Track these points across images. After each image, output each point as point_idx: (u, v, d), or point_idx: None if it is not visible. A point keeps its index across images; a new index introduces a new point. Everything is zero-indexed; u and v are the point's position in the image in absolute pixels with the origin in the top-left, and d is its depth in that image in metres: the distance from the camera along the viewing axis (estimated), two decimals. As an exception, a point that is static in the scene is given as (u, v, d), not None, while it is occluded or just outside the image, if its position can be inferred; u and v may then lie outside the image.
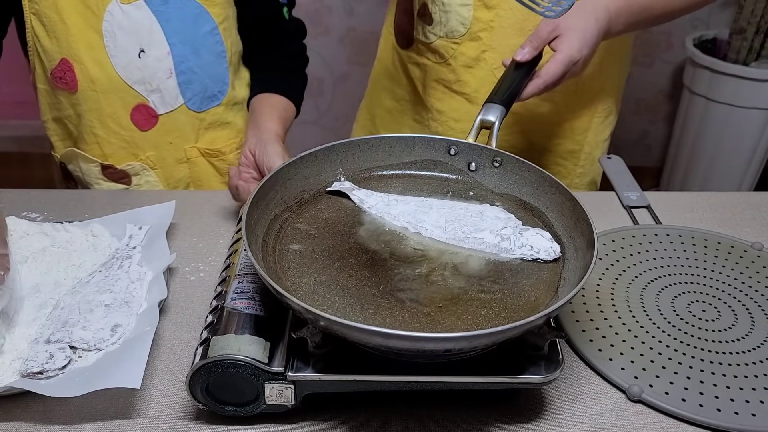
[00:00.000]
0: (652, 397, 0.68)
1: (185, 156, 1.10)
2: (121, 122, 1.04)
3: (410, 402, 0.68)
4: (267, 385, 0.63)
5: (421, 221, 0.76)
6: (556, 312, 0.60)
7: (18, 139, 2.56)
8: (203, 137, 1.10)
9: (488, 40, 1.08)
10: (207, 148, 1.10)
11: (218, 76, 1.07)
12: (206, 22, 1.02)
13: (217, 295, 0.71)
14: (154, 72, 1.01)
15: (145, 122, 1.05)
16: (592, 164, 1.21)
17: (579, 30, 0.89)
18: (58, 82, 1.01)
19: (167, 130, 1.06)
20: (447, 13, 1.08)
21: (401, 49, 1.21)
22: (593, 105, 1.16)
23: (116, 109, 1.03)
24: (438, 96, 1.17)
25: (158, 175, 1.09)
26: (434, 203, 0.79)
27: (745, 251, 0.90)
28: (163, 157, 1.08)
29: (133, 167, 1.08)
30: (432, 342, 0.57)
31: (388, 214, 0.77)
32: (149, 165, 1.08)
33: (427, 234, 0.75)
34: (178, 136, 1.08)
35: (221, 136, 1.12)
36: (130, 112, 1.04)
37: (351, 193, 0.80)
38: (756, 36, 2.09)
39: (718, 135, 2.18)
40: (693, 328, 0.77)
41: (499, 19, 1.06)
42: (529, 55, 0.91)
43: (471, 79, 1.12)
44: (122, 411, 0.67)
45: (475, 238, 0.74)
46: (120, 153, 1.07)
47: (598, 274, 0.85)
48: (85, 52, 0.99)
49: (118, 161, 1.07)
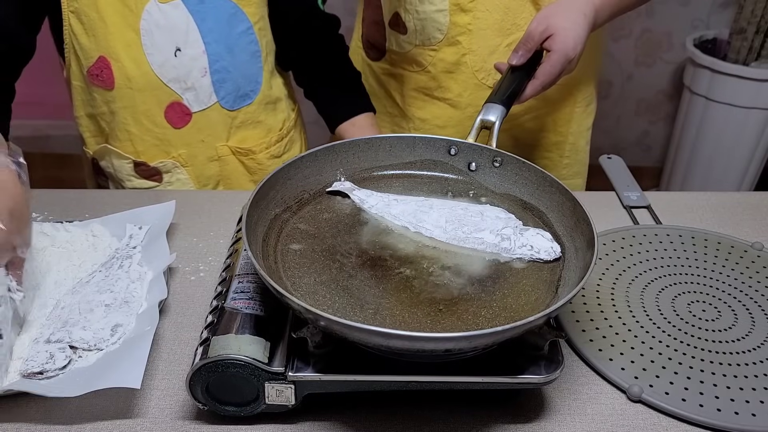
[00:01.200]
0: (652, 397, 0.68)
1: (216, 154, 1.10)
2: (155, 120, 1.05)
3: (410, 402, 0.68)
4: (267, 385, 0.63)
5: (421, 221, 0.76)
6: (556, 312, 0.60)
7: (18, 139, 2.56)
8: (234, 136, 1.11)
9: (467, 44, 1.07)
10: (238, 147, 1.11)
11: (252, 76, 1.08)
12: (241, 21, 1.03)
13: (218, 295, 0.71)
14: (189, 70, 1.02)
15: (179, 120, 1.06)
16: (577, 154, 1.22)
17: (570, 28, 0.90)
18: (95, 80, 1.02)
19: (200, 128, 1.07)
20: (422, 20, 1.08)
21: (372, 62, 1.20)
22: (573, 95, 1.16)
23: (151, 107, 1.04)
24: (419, 105, 1.16)
25: (189, 172, 1.10)
26: (434, 203, 0.79)
27: (746, 251, 0.90)
28: (194, 154, 1.09)
29: (164, 164, 1.08)
30: (432, 342, 0.57)
31: (388, 213, 0.77)
32: (181, 162, 1.09)
33: (428, 234, 0.75)
34: (210, 134, 1.08)
35: (252, 135, 1.12)
36: (164, 110, 1.04)
37: (351, 193, 0.80)
38: (756, 36, 2.09)
39: (719, 135, 2.18)
40: (693, 328, 0.77)
41: (477, 22, 1.06)
42: (523, 59, 0.91)
43: (452, 84, 1.11)
44: (122, 411, 0.67)
45: (476, 238, 0.74)
46: (152, 150, 1.08)
47: (598, 274, 0.85)
48: (123, 50, 0.99)
49: (150, 158, 1.08)
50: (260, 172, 1.14)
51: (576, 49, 0.90)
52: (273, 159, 1.15)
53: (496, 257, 0.72)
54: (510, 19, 1.05)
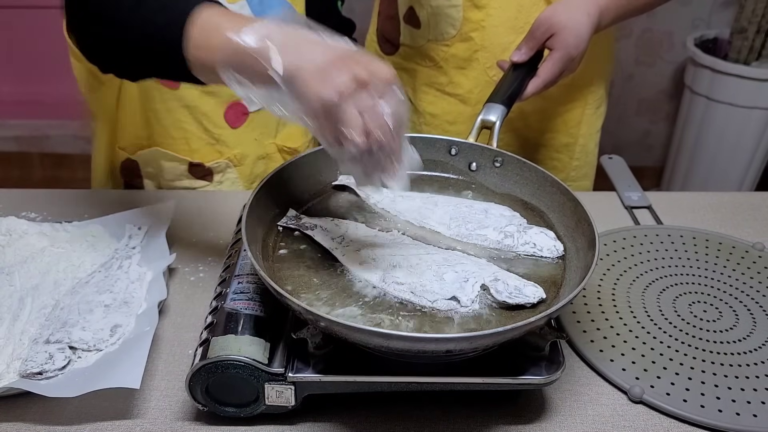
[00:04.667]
0: (653, 398, 0.68)
1: (265, 152, 1.11)
2: (215, 120, 1.05)
3: (410, 402, 0.68)
4: (267, 386, 0.62)
5: (425, 218, 0.76)
6: (557, 312, 0.60)
7: (18, 139, 2.57)
8: (281, 132, 1.11)
9: (480, 40, 1.07)
10: (284, 145, 1.12)
11: None
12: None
13: (217, 295, 0.71)
14: None
15: (236, 120, 1.06)
16: (586, 156, 1.21)
17: (573, 27, 0.89)
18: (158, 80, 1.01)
19: (254, 126, 1.08)
20: (436, 15, 1.08)
21: (386, 56, 1.20)
22: (584, 97, 1.16)
23: (213, 107, 1.04)
24: (430, 99, 1.16)
25: (239, 172, 1.10)
26: (439, 200, 0.79)
27: (747, 252, 0.90)
28: (246, 154, 1.09)
29: (219, 165, 1.08)
30: (433, 343, 0.56)
31: (393, 209, 0.77)
32: (234, 163, 1.09)
33: (431, 231, 0.75)
34: (262, 132, 1.09)
35: (296, 132, 1.13)
36: (224, 111, 1.05)
37: (357, 187, 0.80)
38: (757, 35, 2.09)
39: (720, 135, 2.18)
40: (694, 328, 0.77)
41: (490, 18, 1.06)
42: (525, 56, 0.91)
43: (464, 80, 1.11)
44: (122, 412, 0.66)
45: (479, 235, 0.73)
46: (205, 149, 1.07)
47: (599, 274, 0.85)
48: None
49: (204, 158, 1.08)
50: None
51: (578, 48, 0.90)
52: None
53: (498, 255, 0.72)
54: (523, 17, 1.05)
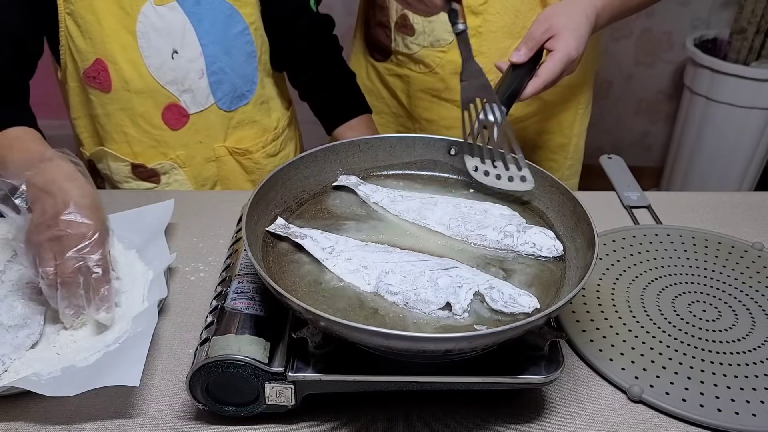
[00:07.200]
0: (652, 398, 0.68)
1: (214, 155, 1.11)
2: (153, 122, 1.05)
3: (410, 402, 0.68)
4: (267, 386, 0.62)
5: (425, 218, 0.76)
6: (556, 312, 0.60)
7: (18, 139, 2.57)
8: (231, 136, 1.11)
9: (477, 46, 1.07)
10: (235, 147, 1.11)
11: (248, 76, 1.08)
12: (237, 22, 1.03)
13: (217, 295, 0.71)
14: (186, 72, 1.02)
15: (176, 121, 1.06)
16: (578, 154, 1.23)
17: (573, 29, 0.90)
18: (92, 82, 1.01)
19: (197, 129, 1.07)
20: (432, 22, 1.08)
21: (377, 63, 1.20)
22: (577, 97, 1.17)
23: (148, 109, 1.04)
24: (425, 105, 1.16)
25: (187, 173, 1.10)
26: (439, 200, 0.79)
27: (746, 251, 0.90)
28: (192, 155, 1.09)
29: (162, 166, 1.08)
30: (432, 342, 0.57)
31: (393, 210, 0.77)
32: (178, 164, 1.09)
33: (431, 230, 0.75)
34: (207, 135, 1.08)
35: (249, 135, 1.12)
36: (161, 112, 1.04)
37: (357, 188, 0.80)
38: (756, 36, 2.09)
39: (719, 135, 2.18)
40: (693, 328, 0.77)
41: (487, 24, 1.06)
42: (525, 57, 0.91)
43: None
44: (122, 411, 0.67)
45: (479, 235, 0.74)
46: (149, 152, 1.08)
47: (598, 274, 0.85)
48: (120, 52, 0.99)
49: (148, 160, 1.08)
50: (257, 171, 1.14)
51: (579, 50, 0.90)
52: (269, 158, 1.15)
53: (498, 254, 0.72)
54: (520, 23, 1.05)
